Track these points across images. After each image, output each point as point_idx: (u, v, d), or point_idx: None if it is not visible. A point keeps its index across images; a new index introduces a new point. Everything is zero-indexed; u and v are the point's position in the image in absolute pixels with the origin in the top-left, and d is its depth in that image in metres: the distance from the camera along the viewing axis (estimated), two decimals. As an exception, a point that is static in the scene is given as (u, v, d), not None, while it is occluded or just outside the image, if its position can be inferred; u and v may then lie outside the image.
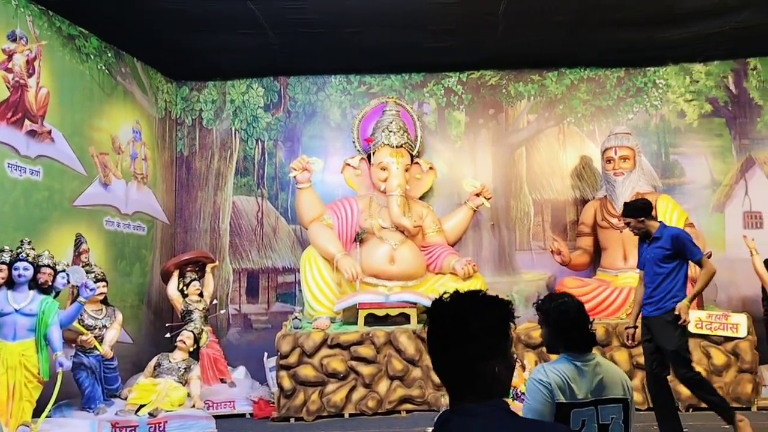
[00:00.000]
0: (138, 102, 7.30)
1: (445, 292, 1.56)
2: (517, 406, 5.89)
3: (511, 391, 5.73)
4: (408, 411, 6.10)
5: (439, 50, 7.29)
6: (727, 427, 5.33)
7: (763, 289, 6.72)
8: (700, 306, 6.32)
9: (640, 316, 4.82)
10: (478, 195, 7.38)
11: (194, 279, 6.87)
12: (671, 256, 4.73)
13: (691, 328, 6.03)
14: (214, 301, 7.10)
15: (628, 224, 4.84)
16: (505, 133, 8.11)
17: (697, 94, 7.92)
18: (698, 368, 5.96)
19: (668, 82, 7.97)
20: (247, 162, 7.97)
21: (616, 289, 6.54)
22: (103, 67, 6.73)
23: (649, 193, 7.03)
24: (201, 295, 6.81)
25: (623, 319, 6.24)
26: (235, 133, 8.01)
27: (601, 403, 2.33)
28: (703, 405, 5.92)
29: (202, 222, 7.87)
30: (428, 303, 6.39)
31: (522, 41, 7.14)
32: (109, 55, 6.85)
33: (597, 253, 7.30)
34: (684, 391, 5.95)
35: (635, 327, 4.84)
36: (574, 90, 8.06)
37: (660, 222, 4.89)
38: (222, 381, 6.65)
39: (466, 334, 1.46)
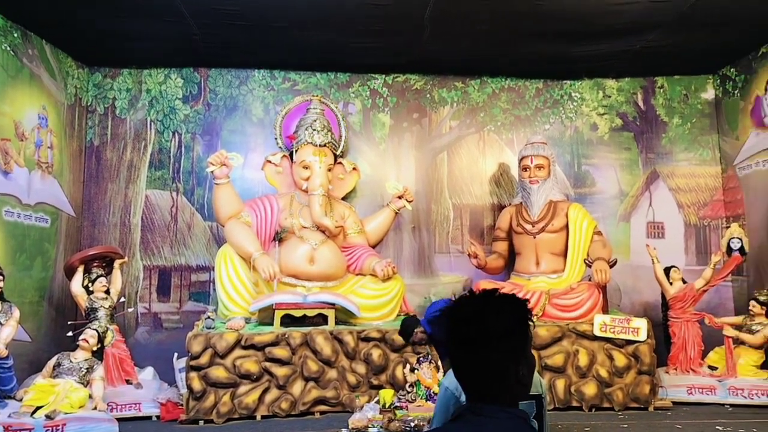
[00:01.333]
0: (45, 86, 6.88)
1: (463, 294, 1.52)
2: (429, 407, 5.95)
3: (424, 391, 5.80)
4: (322, 412, 6.06)
5: (365, 51, 7.29)
6: (626, 426, 5.62)
7: (663, 295, 7.14)
8: (605, 310, 6.62)
9: None
10: (400, 197, 7.44)
11: (101, 275, 6.54)
12: None
13: (596, 332, 6.35)
14: (122, 299, 6.78)
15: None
16: (428, 138, 8.21)
17: (609, 109, 8.32)
18: (601, 370, 6.29)
19: (583, 96, 8.33)
20: (163, 155, 7.67)
21: (528, 293, 6.73)
22: (8, 48, 6.29)
23: (561, 201, 7.33)
24: (108, 292, 6.49)
25: (533, 322, 6.43)
26: (150, 124, 7.68)
27: None
28: (606, 405, 6.24)
29: (111, 215, 7.50)
30: (347, 304, 6.38)
31: (446, 48, 7.26)
32: (15, 35, 6.41)
33: (512, 257, 7.51)
34: (588, 391, 6.23)
35: None
36: (495, 99, 8.27)
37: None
38: (128, 382, 6.36)
39: (489, 338, 1.42)
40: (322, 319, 6.35)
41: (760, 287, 7.05)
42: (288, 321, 6.27)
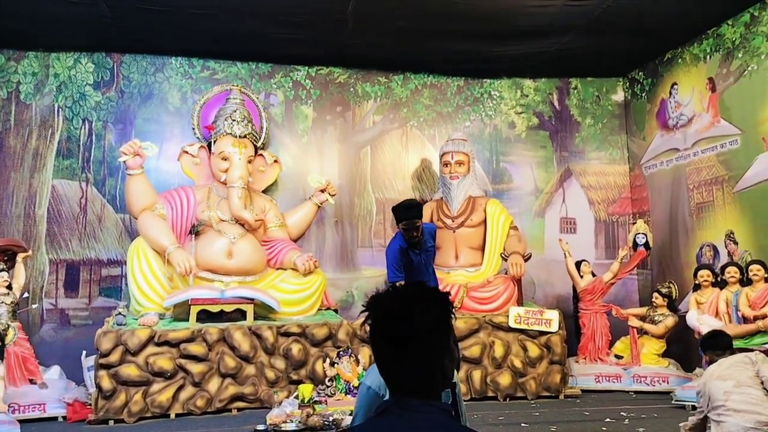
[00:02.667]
0: (-61, 67, 6.38)
1: (387, 289, 1.49)
2: (349, 401, 5.95)
3: (344, 385, 5.81)
4: (240, 409, 5.96)
5: (288, 42, 7.19)
6: (538, 414, 5.83)
7: (574, 288, 7.45)
8: (520, 303, 6.83)
9: None
10: (323, 191, 7.38)
11: (2, 269, 6.14)
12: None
13: (511, 323, 6.55)
14: (25, 295, 6.42)
15: (417, 228, 4.52)
16: (352, 132, 8.20)
17: (526, 108, 8.58)
18: (516, 360, 6.49)
19: (502, 95, 8.55)
20: (71, 143, 7.26)
21: (447, 285, 6.85)
22: None
23: (479, 197, 7.50)
24: (9, 287, 6.12)
25: (455, 315, 6.57)
26: (58, 111, 7.26)
27: None
28: (520, 394, 6.45)
29: (14, 206, 7.03)
30: (266, 299, 6.29)
31: (370, 42, 7.27)
32: None
33: (432, 251, 7.61)
34: (503, 381, 6.42)
35: None
36: (418, 95, 8.36)
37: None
38: (31, 382, 6.03)
39: (414, 333, 1.40)
40: (241, 315, 6.23)
41: (663, 280, 7.50)
42: (204, 317, 6.11)
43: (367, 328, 1.50)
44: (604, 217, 8.51)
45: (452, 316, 1.51)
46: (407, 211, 4.64)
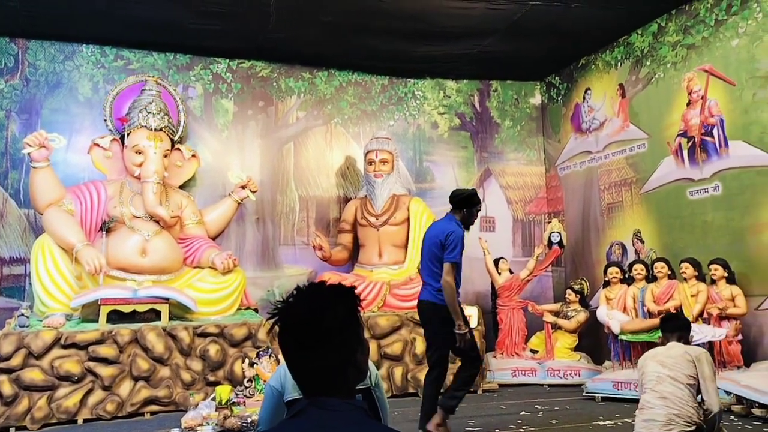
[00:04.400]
0: None
1: (291, 292, 1.47)
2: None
3: (263, 385, 5.70)
4: (153, 413, 5.74)
5: (207, 33, 6.98)
6: (456, 409, 5.92)
7: (492, 284, 7.63)
8: (441, 300, 6.92)
9: None
10: (243, 187, 7.23)
11: None
12: None
13: (432, 320, 6.61)
14: None
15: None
16: (275, 127, 8.06)
17: (449, 108, 8.72)
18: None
19: (425, 95, 8.65)
20: (-30, 133, 6.78)
21: (370, 284, 6.88)
22: None
23: (403, 195, 7.56)
24: None
25: (374, 312, 6.63)
26: (-46, 98, 6.76)
27: None
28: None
29: None
30: (182, 298, 6.08)
31: (294, 36, 7.17)
32: None
33: (356, 249, 7.61)
34: (423, 377, 6.48)
35: None
36: (342, 92, 8.32)
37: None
38: None
39: (325, 334, 1.40)
40: (155, 315, 6.00)
41: (576, 277, 7.81)
42: (116, 317, 5.85)
43: (275, 334, 1.48)
44: (521, 216, 8.77)
45: (359, 309, 1.52)
46: (477, 199, 4.86)
